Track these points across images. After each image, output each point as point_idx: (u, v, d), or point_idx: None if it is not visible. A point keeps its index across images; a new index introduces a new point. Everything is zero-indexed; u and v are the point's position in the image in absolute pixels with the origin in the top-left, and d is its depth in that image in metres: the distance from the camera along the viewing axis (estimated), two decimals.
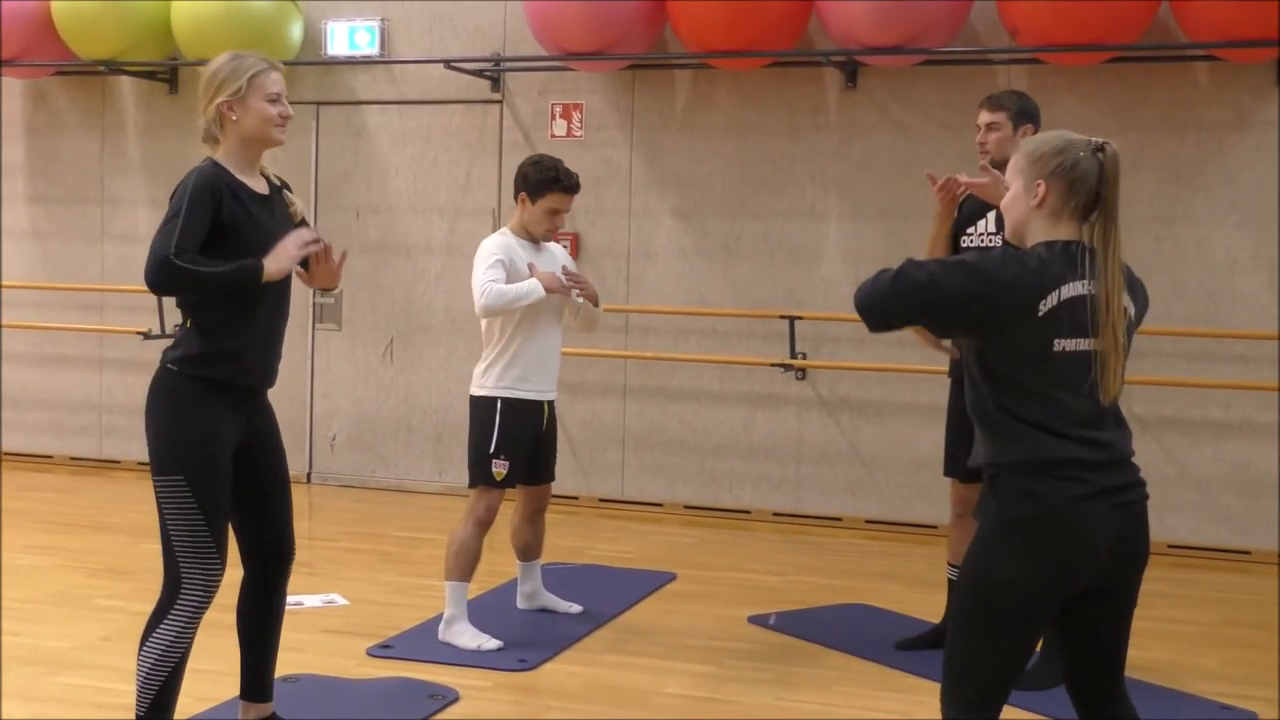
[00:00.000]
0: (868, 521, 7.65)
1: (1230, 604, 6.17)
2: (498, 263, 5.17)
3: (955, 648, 3.09)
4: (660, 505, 7.97)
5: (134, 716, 3.75)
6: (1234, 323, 7.06)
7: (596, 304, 5.49)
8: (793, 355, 7.62)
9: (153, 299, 8.65)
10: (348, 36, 8.37)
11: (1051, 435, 2.95)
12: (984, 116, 5.08)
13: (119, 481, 8.70)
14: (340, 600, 5.82)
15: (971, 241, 5.08)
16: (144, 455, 8.93)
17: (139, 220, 8.93)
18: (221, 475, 3.75)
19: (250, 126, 3.75)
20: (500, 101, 8.22)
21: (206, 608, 3.74)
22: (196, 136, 8.86)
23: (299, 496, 7.69)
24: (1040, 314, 2.95)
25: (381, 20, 8.34)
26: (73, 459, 9.10)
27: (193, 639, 3.74)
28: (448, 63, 7.95)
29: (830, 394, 7.74)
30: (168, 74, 8.77)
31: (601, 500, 7.99)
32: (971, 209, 5.15)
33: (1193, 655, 5.27)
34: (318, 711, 4.32)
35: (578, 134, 8.07)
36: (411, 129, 8.40)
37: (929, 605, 5.78)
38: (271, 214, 3.83)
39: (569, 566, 6.28)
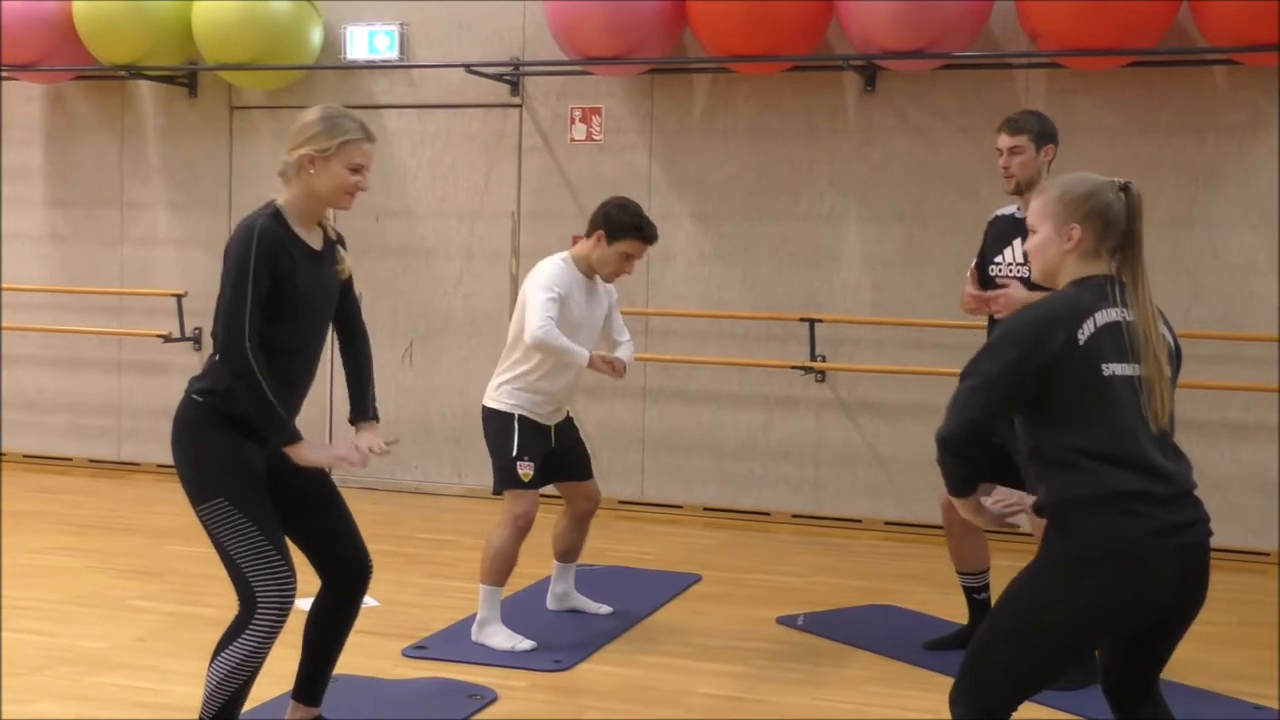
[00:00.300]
0: (887, 523, 7.70)
1: (1249, 605, 6.21)
2: (556, 298, 5.18)
3: (985, 654, 3.12)
4: (680, 507, 8.01)
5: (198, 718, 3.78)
6: (1251, 325, 7.11)
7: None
8: (812, 357, 7.67)
9: (172, 303, 8.73)
10: (367, 41, 8.41)
11: (1117, 467, 2.99)
12: (1005, 140, 5.07)
13: (138, 484, 8.74)
14: (372, 602, 5.81)
15: (1000, 271, 5.11)
16: (164, 458, 8.96)
17: (158, 224, 8.97)
18: (260, 492, 3.77)
19: (323, 186, 3.76)
20: (519, 105, 8.26)
21: (284, 620, 3.74)
22: (215, 139, 8.94)
23: None
24: (1081, 342, 3.02)
25: (401, 25, 8.38)
26: (92, 461, 9.14)
27: (266, 655, 3.74)
28: (468, 67, 7.99)
29: (849, 396, 7.78)
30: (187, 78, 8.80)
31: (621, 502, 8.02)
32: (996, 238, 5.19)
33: (1217, 656, 5.30)
34: (361, 711, 4.37)
35: (597, 138, 8.12)
36: (430, 133, 8.45)
37: (953, 606, 5.82)
38: (321, 270, 3.85)
39: (595, 568, 6.32)
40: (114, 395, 9.12)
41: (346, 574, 4.00)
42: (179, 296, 8.72)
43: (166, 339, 8.72)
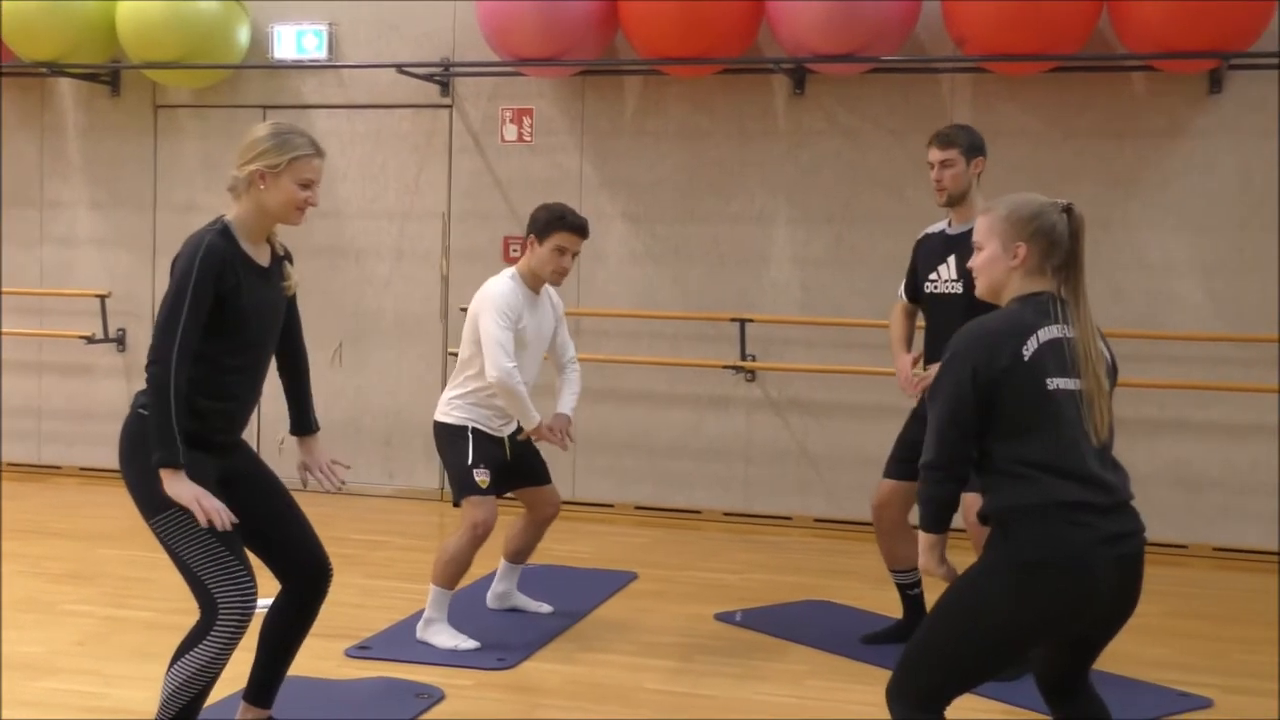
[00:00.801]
0: (817, 520, 7.80)
1: (1172, 597, 6.38)
2: (511, 327, 5.21)
3: (924, 651, 3.22)
4: (611, 506, 8.06)
5: None
6: (1170, 324, 7.30)
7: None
8: (743, 357, 7.75)
9: (95, 303, 8.62)
10: (295, 40, 8.36)
11: (1060, 478, 3.09)
12: (936, 154, 5.16)
13: (59, 487, 8.62)
14: None
15: (936, 288, 5.21)
16: (86, 460, 8.86)
17: (80, 223, 8.86)
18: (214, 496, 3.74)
19: (274, 202, 3.77)
20: (450, 106, 8.26)
21: (246, 626, 3.71)
22: (139, 138, 8.85)
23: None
24: (1026, 358, 3.14)
25: (330, 24, 8.34)
26: (11, 465, 8.98)
27: (226, 662, 3.71)
28: (400, 67, 7.98)
29: (779, 395, 7.88)
30: (110, 76, 8.69)
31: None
32: (928, 256, 5.29)
33: (1145, 646, 5.44)
34: (309, 712, 4.35)
35: (528, 139, 8.14)
36: (360, 133, 8.42)
37: (886, 601, 5.94)
38: (268, 287, 3.84)
39: (532, 567, 6.33)
40: (34, 398, 8.97)
41: (306, 579, 3.99)
42: (102, 297, 8.62)
43: (90, 340, 8.60)
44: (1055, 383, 3.13)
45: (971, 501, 5.07)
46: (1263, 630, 5.88)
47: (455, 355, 7.94)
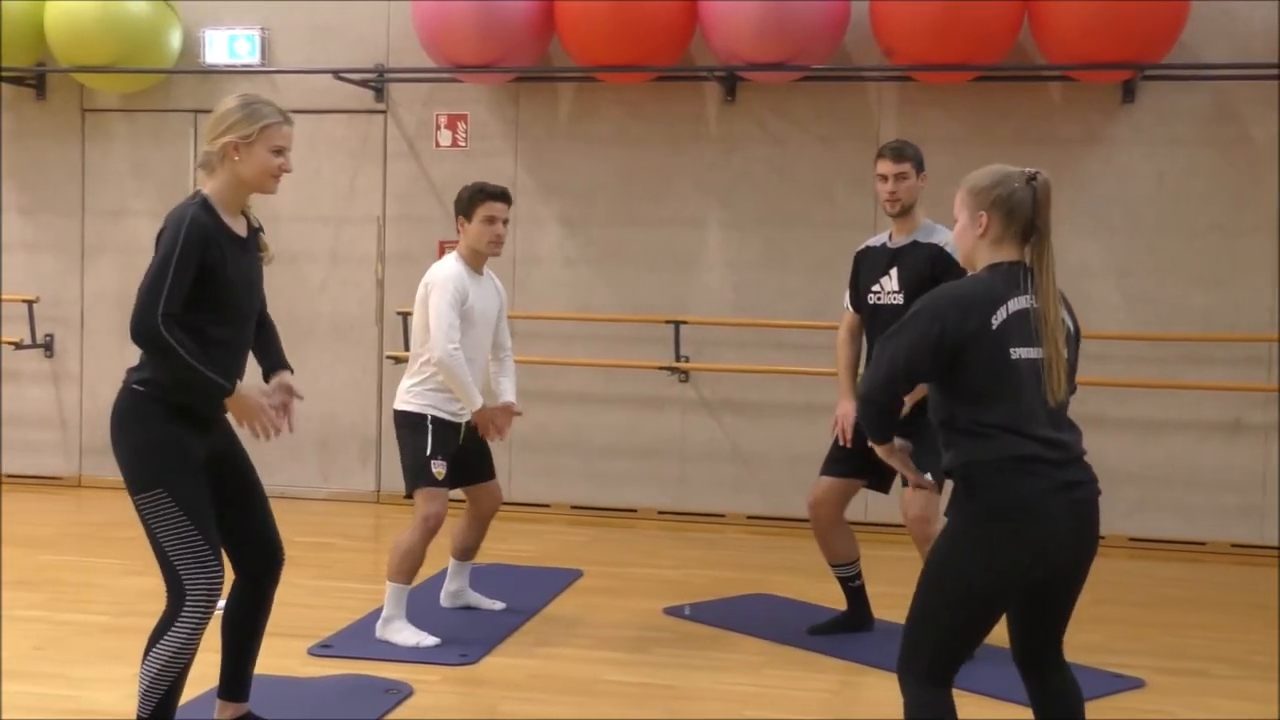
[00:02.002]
0: (750, 517, 7.99)
1: (1103, 585, 6.51)
2: (457, 307, 5.33)
3: (918, 623, 3.40)
4: (548, 506, 8.18)
5: (135, 717, 3.82)
6: (1087, 325, 7.51)
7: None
8: (677, 358, 7.92)
9: (23, 308, 8.55)
10: (227, 45, 8.37)
11: (1018, 435, 3.29)
12: (890, 167, 5.35)
13: None
14: None
15: (879, 299, 5.40)
16: (14, 468, 8.76)
17: (6, 228, 8.77)
18: (199, 484, 3.84)
19: (249, 172, 3.86)
20: (384, 111, 8.33)
21: (212, 613, 3.80)
22: (66, 142, 8.79)
23: None
24: (994, 326, 3.31)
25: (262, 29, 8.36)
26: None
27: (197, 647, 3.80)
28: (336, 73, 8.03)
29: (712, 395, 8.06)
30: (35, 79, 8.62)
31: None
32: (870, 268, 5.48)
33: (1080, 633, 5.54)
34: (283, 710, 4.41)
35: (463, 144, 8.23)
36: (294, 138, 8.40)
37: (826, 593, 6.13)
38: (248, 258, 3.95)
39: (480, 566, 6.43)
40: None
41: (260, 562, 4.07)
42: (30, 302, 8.54)
43: (18, 346, 8.53)
44: (1018, 352, 3.31)
45: (909, 499, 5.31)
46: (1182, 615, 6.18)
47: (391, 359, 8.10)
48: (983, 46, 7.25)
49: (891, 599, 5.86)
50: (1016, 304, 3.33)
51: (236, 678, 4.17)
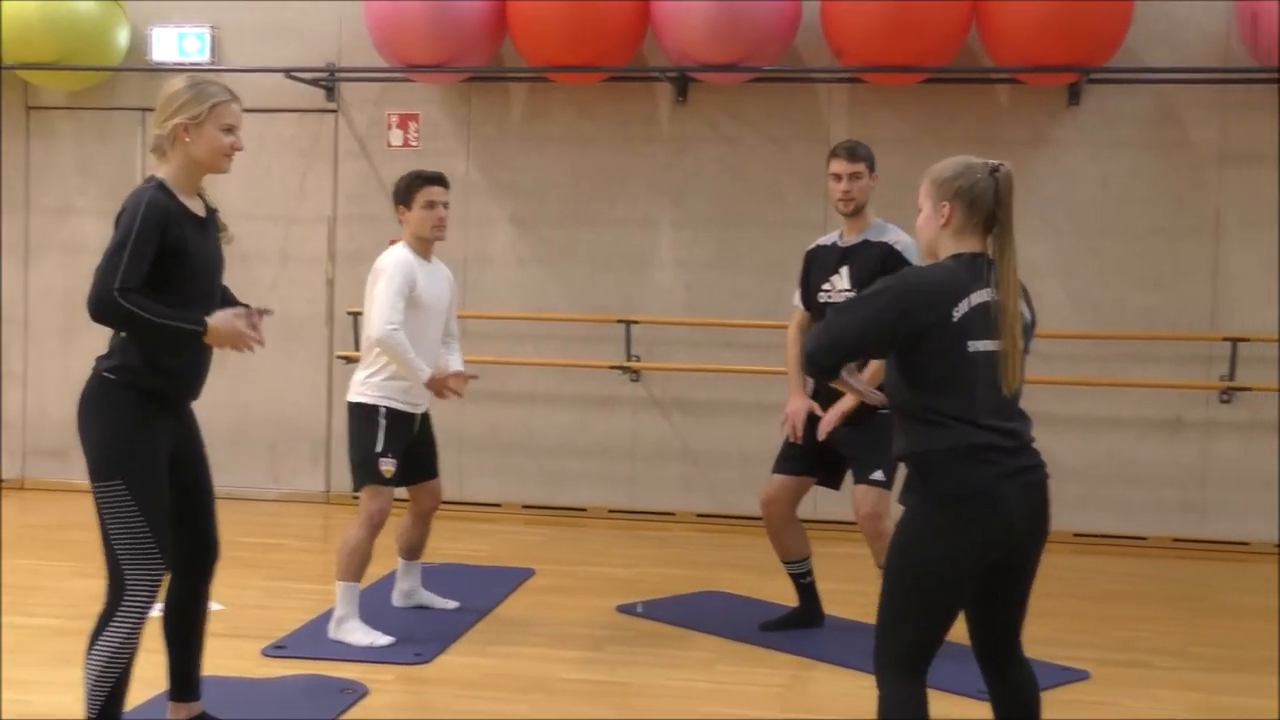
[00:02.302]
0: (699, 515, 8.04)
1: (1042, 579, 6.65)
2: (403, 291, 5.34)
3: (887, 615, 3.46)
4: (499, 505, 8.19)
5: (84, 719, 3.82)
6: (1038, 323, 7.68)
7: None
8: (628, 357, 7.96)
9: None
10: (176, 43, 8.32)
11: (971, 425, 3.36)
12: (844, 166, 5.40)
13: None
14: (216, 605, 5.82)
15: (830, 297, 5.45)
16: None
17: None
18: (160, 478, 3.86)
19: (201, 152, 3.87)
20: (335, 111, 8.31)
21: (151, 608, 3.84)
22: (10, 139, 8.72)
23: None
24: (955, 319, 3.35)
25: (212, 28, 8.32)
26: None
27: (139, 641, 3.83)
28: (287, 72, 8.00)
29: (663, 394, 8.10)
30: None
31: (441, 502, 8.12)
32: (821, 267, 5.53)
33: (1028, 627, 5.76)
34: (237, 711, 4.40)
35: (414, 144, 8.23)
36: (244, 136, 8.36)
37: (776, 590, 6.20)
38: (207, 237, 3.96)
39: (432, 565, 6.44)
40: None
41: (195, 556, 4.07)
42: None
43: None
44: (975, 345, 3.35)
45: (861, 497, 5.37)
46: (1125, 608, 6.30)
47: (342, 358, 8.08)
48: (932, 49, 7.34)
49: (842, 595, 5.96)
50: (979, 297, 3.37)
51: (185, 678, 4.18)
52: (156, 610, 3.97)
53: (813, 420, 5.47)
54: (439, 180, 5.60)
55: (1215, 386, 7.48)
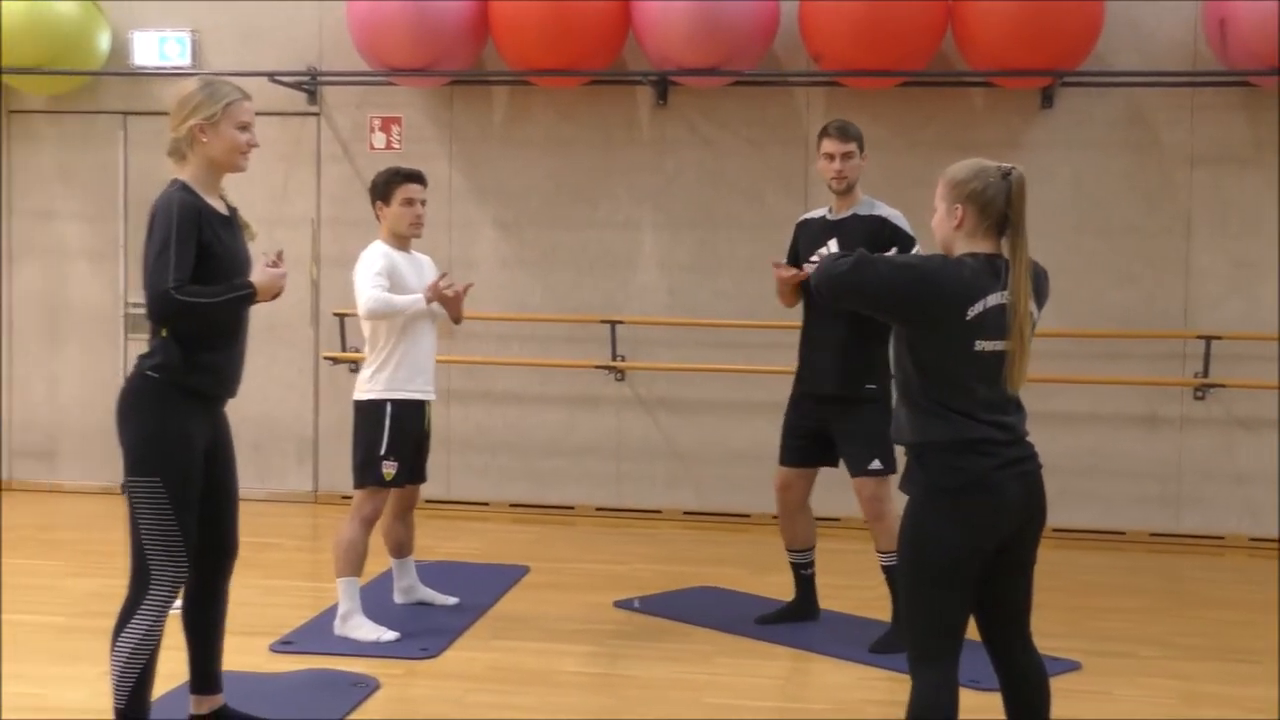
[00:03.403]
0: (685, 513, 8.15)
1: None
2: (381, 270, 5.48)
3: (907, 609, 3.59)
4: (487, 505, 8.27)
5: (113, 711, 3.88)
6: None
7: (458, 321, 5.82)
8: (613, 357, 8.06)
9: None
10: (157, 47, 8.34)
11: (970, 419, 3.49)
12: (836, 146, 5.51)
13: None
14: None
15: None
16: None
17: None
18: (194, 477, 3.94)
19: (219, 151, 3.96)
20: (318, 114, 8.36)
21: (174, 599, 3.92)
22: None
23: (110, 506, 7.69)
24: (968, 318, 3.47)
25: (192, 31, 8.35)
26: None
27: (162, 633, 3.90)
28: (270, 75, 8.05)
29: (648, 393, 8.20)
30: None
31: (429, 501, 8.18)
32: (810, 239, 5.65)
33: None
34: (252, 706, 4.44)
35: (397, 146, 8.29)
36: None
37: (769, 585, 6.33)
38: (234, 235, 4.07)
39: (426, 564, 6.52)
40: None
41: (215, 554, 4.15)
42: None
43: None
44: (984, 345, 3.47)
45: (859, 486, 5.50)
46: (1107, 600, 6.45)
47: (328, 359, 8.14)
48: (907, 53, 7.47)
49: (840, 590, 6.09)
50: (994, 299, 3.48)
51: (205, 672, 4.26)
52: (176, 606, 4.04)
53: (807, 411, 5.58)
54: (417, 178, 5.70)
55: (1189, 383, 7.67)
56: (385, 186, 5.65)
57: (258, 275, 3.98)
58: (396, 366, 5.52)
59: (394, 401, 5.50)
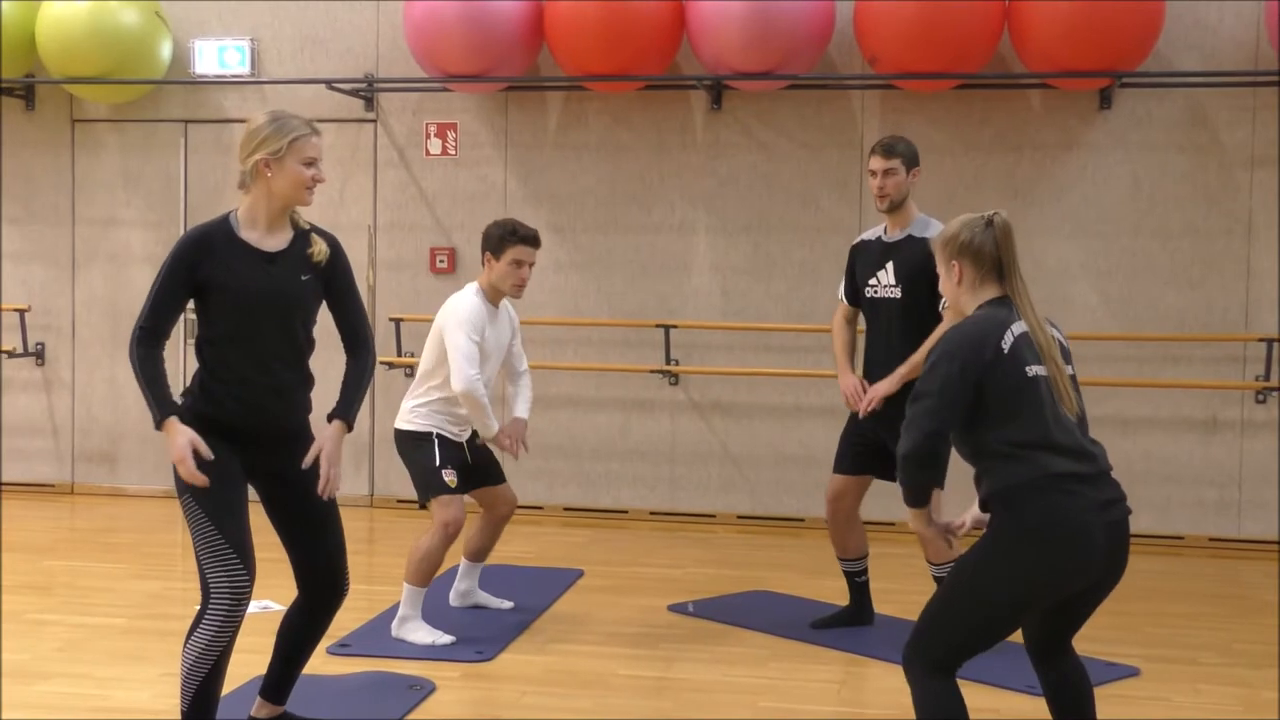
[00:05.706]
0: (740, 517, 8.15)
1: None
2: (478, 342, 5.46)
3: (939, 620, 3.56)
4: (541, 508, 8.30)
5: (179, 712, 3.94)
6: (1066, 325, 7.66)
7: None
8: (667, 362, 8.07)
9: (14, 317, 8.60)
10: (217, 56, 8.45)
11: (1050, 452, 3.45)
12: (880, 163, 5.51)
13: None
14: (275, 605, 5.97)
15: (875, 292, 5.57)
16: (12, 475, 8.87)
17: None
18: (224, 489, 3.91)
19: (282, 186, 3.99)
20: (374, 120, 8.44)
21: (239, 614, 3.91)
22: (56, 152, 8.88)
23: (170, 510, 7.77)
24: (1006, 350, 3.49)
25: (252, 40, 8.45)
26: None
27: (229, 642, 3.92)
28: (328, 83, 8.13)
29: (702, 398, 8.21)
30: (24, 90, 8.67)
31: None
32: (867, 262, 5.64)
33: None
34: (313, 707, 4.50)
35: (452, 152, 8.35)
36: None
37: (822, 589, 6.32)
38: (270, 269, 3.99)
39: (484, 567, 6.55)
40: None
41: (319, 589, 4.19)
42: (21, 311, 8.60)
43: (10, 355, 8.58)
44: (1033, 369, 3.49)
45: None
46: (1166, 606, 6.39)
47: (385, 364, 8.19)
48: (964, 55, 7.44)
49: (892, 594, 6.07)
50: (1019, 327, 3.53)
51: (281, 681, 4.30)
52: (255, 607, 4.07)
53: (869, 421, 5.56)
54: (534, 241, 5.63)
55: (1250, 386, 7.58)
56: (499, 242, 5.58)
57: (178, 433, 3.84)
58: (440, 411, 5.58)
59: (439, 434, 5.55)
